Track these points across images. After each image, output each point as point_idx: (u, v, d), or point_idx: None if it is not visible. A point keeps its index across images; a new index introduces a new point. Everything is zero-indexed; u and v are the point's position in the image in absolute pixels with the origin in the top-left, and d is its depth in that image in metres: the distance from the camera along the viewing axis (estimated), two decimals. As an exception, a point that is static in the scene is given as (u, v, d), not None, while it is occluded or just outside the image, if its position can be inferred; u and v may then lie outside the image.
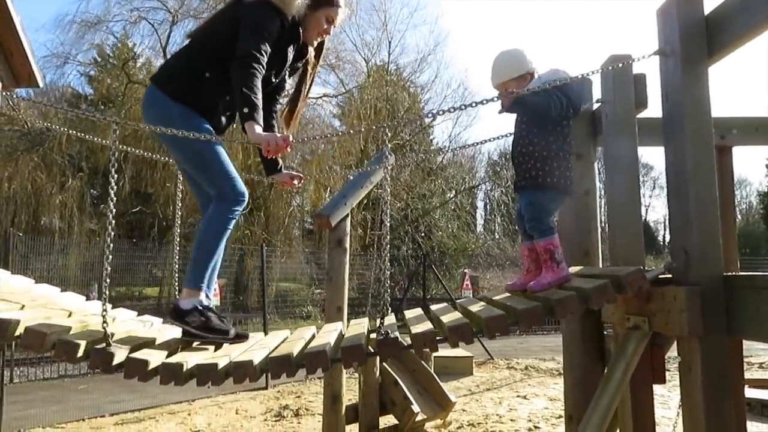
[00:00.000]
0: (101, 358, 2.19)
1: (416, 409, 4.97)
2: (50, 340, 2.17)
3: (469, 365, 9.63)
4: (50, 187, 15.88)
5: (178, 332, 2.66)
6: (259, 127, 2.50)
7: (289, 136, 2.53)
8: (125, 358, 2.24)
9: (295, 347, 2.43)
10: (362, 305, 14.03)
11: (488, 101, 2.62)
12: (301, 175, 3.18)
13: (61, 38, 17.48)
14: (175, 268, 3.20)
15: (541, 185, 2.67)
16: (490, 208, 32.39)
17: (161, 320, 3.09)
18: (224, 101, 2.74)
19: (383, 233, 2.46)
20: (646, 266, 2.83)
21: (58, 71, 17.81)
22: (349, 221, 4.90)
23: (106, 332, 2.25)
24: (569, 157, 2.74)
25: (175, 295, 3.13)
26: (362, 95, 19.98)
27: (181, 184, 3.27)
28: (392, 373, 5.16)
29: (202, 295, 2.62)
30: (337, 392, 4.75)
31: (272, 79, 2.83)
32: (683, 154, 2.35)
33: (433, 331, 2.36)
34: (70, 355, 2.16)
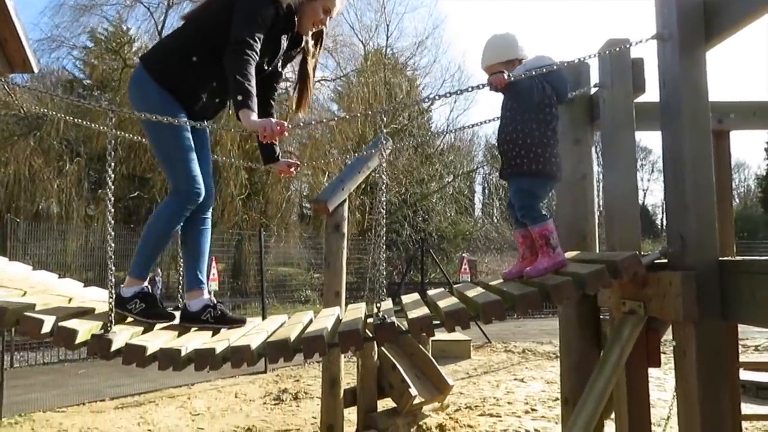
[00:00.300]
0: (100, 344, 2.21)
1: (414, 392, 5.02)
2: (48, 326, 2.17)
3: (466, 349, 9.70)
4: (48, 172, 15.83)
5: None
6: (253, 113, 2.49)
7: (283, 122, 2.52)
8: (123, 344, 2.25)
9: (292, 332, 2.44)
10: (360, 290, 14.06)
11: (483, 86, 2.64)
12: (298, 162, 3.17)
13: (55, 21, 17.28)
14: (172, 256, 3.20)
15: (526, 172, 2.68)
16: (488, 192, 32.41)
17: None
18: (210, 87, 2.72)
19: (379, 218, 2.46)
20: (643, 250, 2.84)
21: (53, 55, 17.72)
22: (346, 206, 4.91)
23: (110, 318, 2.26)
24: (555, 143, 2.74)
25: (169, 278, 3.15)
26: (360, 79, 19.87)
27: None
28: (390, 356, 5.20)
29: (144, 283, 2.67)
30: (335, 376, 4.79)
31: (264, 66, 2.80)
32: (680, 139, 2.34)
33: (429, 315, 2.37)
34: (68, 341, 2.17)
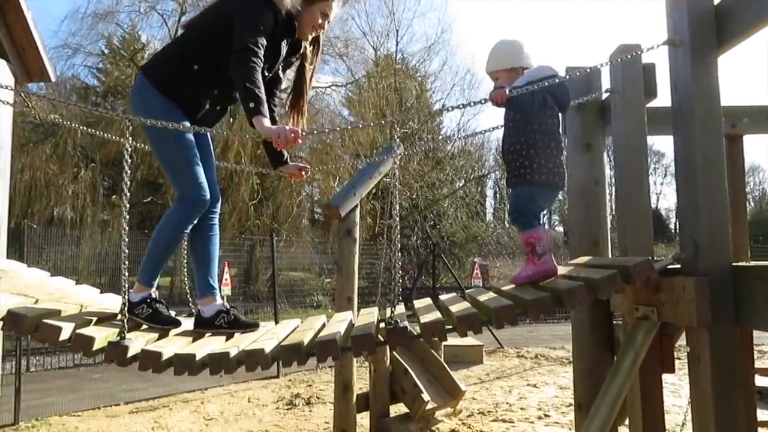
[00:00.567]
0: (116, 351, 2.24)
1: (426, 397, 5.01)
2: (66, 333, 2.21)
3: (479, 354, 9.66)
4: (62, 178, 16.00)
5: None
6: (267, 120, 2.51)
7: (298, 129, 2.54)
8: (140, 350, 2.29)
9: (305, 336, 2.46)
10: (372, 294, 14.07)
11: (486, 101, 2.69)
12: (307, 167, 3.19)
13: (71, 28, 17.52)
14: (183, 261, 3.23)
15: (529, 182, 2.70)
16: (499, 196, 32.33)
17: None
18: (211, 95, 2.75)
19: (393, 223, 2.48)
20: (656, 255, 2.83)
21: (68, 62, 17.89)
22: (358, 211, 4.93)
23: (123, 325, 2.30)
24: (559, 153, 2.77)
25: (183, 285, 3.19)
26: (370, 84, 19.92)
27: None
28: (402, 361, 5.20)
29: (151, 289, 2.71)
30: (348, 381, 4.80)
31: (265, 73, 2.82)
32: (692, 144, 2.34)
33: (441, 320, 2.39)
34: (86, 348, 2.21)
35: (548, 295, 2.34)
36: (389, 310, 2.40)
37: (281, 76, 3.01)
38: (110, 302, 2.95)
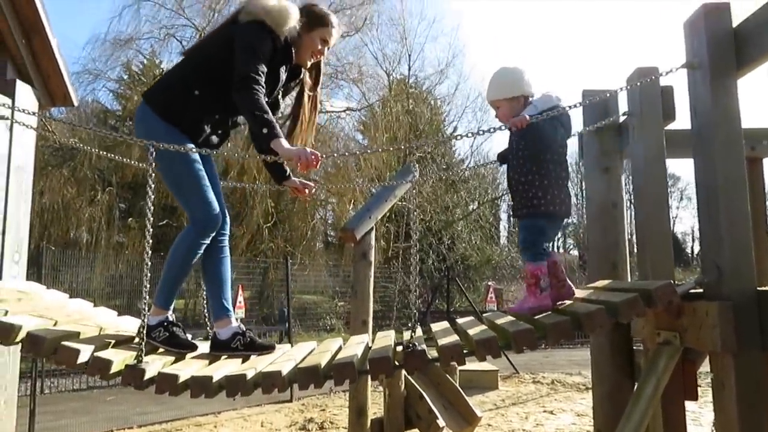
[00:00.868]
0: (133, 374, 2.24)
1: (442, 423, 4.94)
2: (84, 357, 2.21)
3: (494, 379, 9.54)
4: (80, 201, 16.20)
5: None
6: (284, 141, 2.54)
7: (317, 152, 2.54)
8: (156, 373, 2.28)
9: (322, 358, 2.45)
10: (386, 318, 13.99)
11: (505, 128, 2.70)
12: (311, 184, 3.18)
13: (92, 55, 17.86)
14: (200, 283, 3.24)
15: (543, 213, 2.69)
16: (513, 219, 32.16)
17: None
18: (212, 120, 2.77)
19: (412, 246, 2.47)
20: (675, 279, 2.79)
21: (88, 87, 18.22)
22: (373, 234, 4.93)
23: (141, 348, 2.30)
24: (567, 182, 2.78)
25: (202, 308, 3.18)
26: (384, 109, 20.08)
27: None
28: (417, 386, 5.14)
29: (168, 312, 2.71)
30: (362, 405, 4.75)
31: (264, 99, 2.87)
32: (713, 167, 2.32)
33: (459, 344, 2.36)
34: (103, 372, 2.21)
35: (568, 318, 2.31)
36: (408, 333, 2.38)
37: (280, 101, 3.02)
38: (127, 325, 2.95)
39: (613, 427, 2.61)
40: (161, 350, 2.61)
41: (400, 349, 2.44)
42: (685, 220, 44.84)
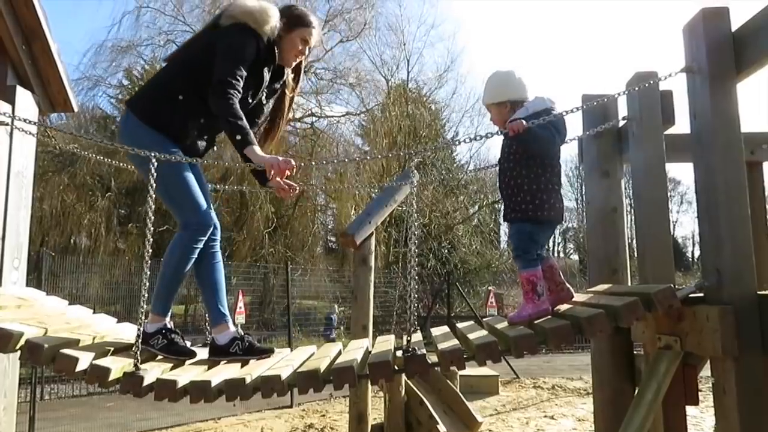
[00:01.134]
0: (132, 381, 2.24)
1: (442, 428, 4.92)
2: (83, 365, 2.21)
3: (494, 384, 9.52)
4: (79, 207, 16.20)
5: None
6: (257, 148, 2.55)
7: (290, 160, 2.58)
8: (155, 379, 2.27)
9: (322, 363, 2.44)
10: (386, 323, 13.96)
11: (502, 133, 2.71)
12: (294, 185, 3.18)
13: (92, 61, 17.88)
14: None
15: (531, 218, 2.69)
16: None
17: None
18: (198, 124, 2.77)
19: (409, 250, 2.47)
20: (675, 283, 2.79)
21: (88, 93, 18.23)
22: (373, 239, 4.92)
23: (137, 356, 2.29)
24: (559, 188, 2.77)
25: (202, 313, 3.18)
26: (383, 114, 20.09)
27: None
28: (418, 392, 5.13)
29: (166, 319, 2.70)
30: (362, 411, 4.73)
31: (249, 100, 2.86)
32: (713, 172, 2.32)
33: (460, 348, 2.36)
34: (102, 379, 2.21)
35: (568, 323, 2.31)
36: (405, 337, 2.38)
37: (264, 103, 3.03)
38: (127, 332, 2.94)
39: (614, 432, 2.60)
40: (160, 357, 2.61)
41: (399, 353, 2.43)
42: (685, 224, 44.80)
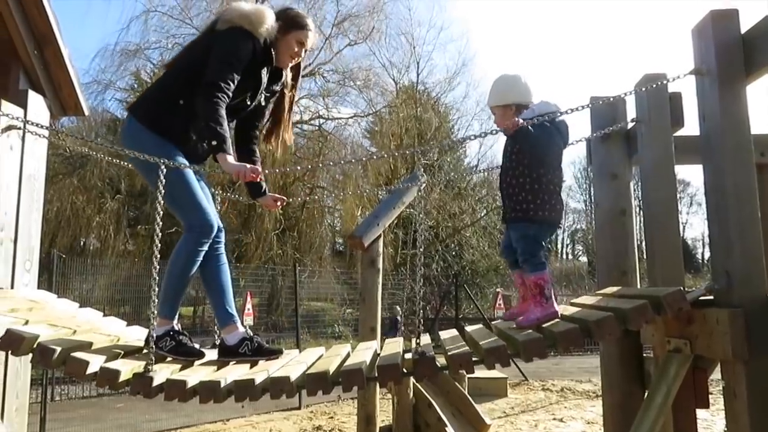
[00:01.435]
0: (142, 382, 2.26)
1: (450, 431, 4.91)
2: (93, 368, 2.22)
3: (503, 387, 9.48)
4: (89, 209, 16.30)
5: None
6: (229, 156, 2.58)
7: (258, 167, 2.62)
8: (165, 380, 2.29)
9: (331, 364, 2.45)
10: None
11: (497, 131, 2.77)
12: (283, 198, 3.21)
13: (101, 65, 18.02)
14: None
15: (531, 218, 2.69)
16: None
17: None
18: (198, 127, 2.77)
19: (417, 253, 2.48)
20: (685, 286, 2.78)
21: (98, 97, 18.36)
22: (381, 241, 4.93)
23: (150, 356, 2.31)
24: (560, 189, 2.77)
25: (211, 314, 3.20)
26: (392, 116, 20.10)
27: (218, 204, 3.37)
28: (426, 394, 5.13)
29: (174, 322, 2.71)
30: (370, 413, 4.74)
31: (247, 102, 2.87)
32: (722, 174, 2.32)
33: (469, 352, 2.36)
34: (112, 382, 2.23)
35: (577, 326, 2.31)
36: (414, 340, 2.38)
37: (263, 105, 3.04)
38: (136, 335, 2.97)
39: (623, 435, 2.59)
40: (170, 359, 2.62)
41: (408, 356, 2.44)
42: (695, 226, 44.43)
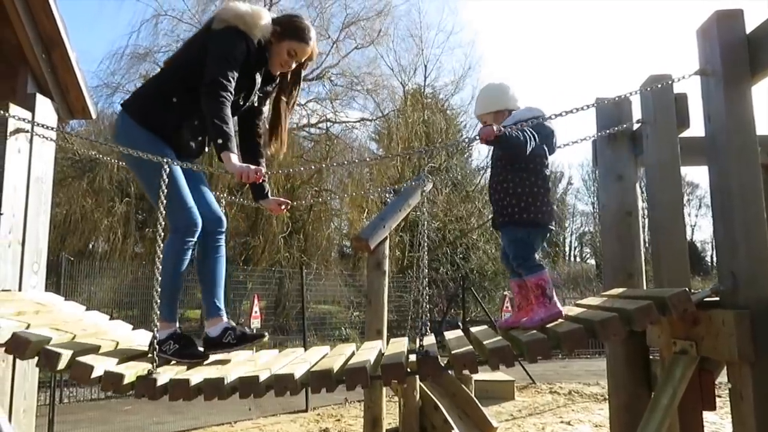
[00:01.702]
0: (146, 385, 2.27)
1: (457, 433, 4.91)
2: (97, 372, 2.24)
3: (510, 389, 9.45)
4: (98, 212, 16.39)
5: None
6: (234, 156, 2.58)
7: (261, 168, 2.62)
8: (168, 380, 2.30)
9: (335, 363, 2.46)
10: (401, 327, 13.95)
11: (474, 139, 2.74)
12: (288, 201, 3.19)
13: (111, 68, 18.13)
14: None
15: (518, 222, 2.71)
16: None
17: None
18: (191, 126, 2.80)
19: (421, 254, 2.49)
20: (692, 288, 2.76)
21: (107, 100, 18.46)
22: (387, 244, 4.93)
23: (154, 357, 2.32)
24: (546, 191, 2.78)
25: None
26: (399, 119, 20.11)
27: (225, 208, 3.38)
28: (432, 396, 5.12)
29: (175, 324, 2.72)
30: (377, 416, 4.74)
31: (240, 103, 2.87)
32: (728, 175, 2.31)
33: (473, 352, 2.36)
34: (116, 385, 2.24)
35: (582, 327, 2.30)
36: (418, 339, 2.39)
37: (259, 106, 3.05)
38: (141, 339, 2.97)
39: (629, 437, 2.58)
40: (173, 363, 2.63)
41: (413, 357, 2.44)
42: (704, 228, 44.12)
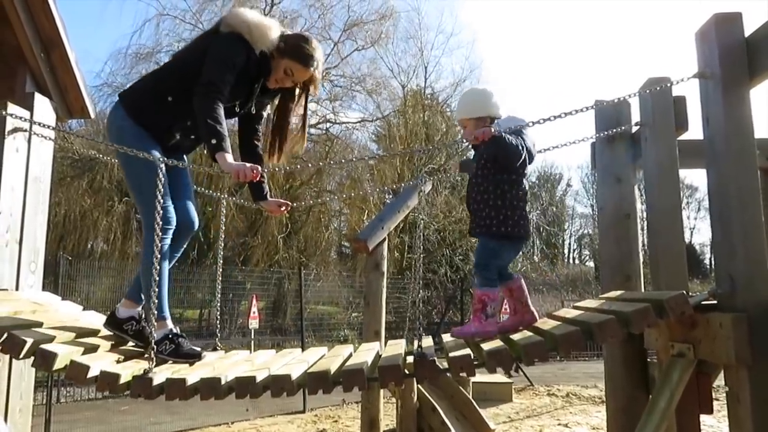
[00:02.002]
0: (142, 384, 2.26)
1: (454, 435, 4.90)
2: (93, 372, 2.23)
3: (508, 391, 9.45)
4: (97, 212, 16.38)
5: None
6: (228, 155, 2.55)
7: (258, 166, 2.59)
8: (164, 379, 2.29)
9: (332, 364, 2.46)
10: (399, 329, 13.94)
11: (468, 142, 2.69)
12: (288, 203, 3.18)
13: (112, 68, 18.16)
14: (218, 289, 3.28)
15: (494, 234, 2.69)
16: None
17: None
18: (183, 125, 2.79)
19: (418, 254, 2.48)
20: (691, 291, 2.76)
21: (108, 100, 18.43)
22: (386, 245, 4.93)
23: (151, 356, 2.32)
24: (524, 204, 2.77)
25: (216, 318, 3.20)
26: (399, 120, 20.10)
27: (224, 208, 3.40)
28: (430, 398, 5.12)
29: (168, 323, 2.71)
30: (374, 417, 4.74)
31: (236, 110, 2.87)
32: (726, 177, 2.31)
33: (470, 355, 2.35)
34: (112, 385, 2.24)
35: (579, 329, 2.29)
36: (416, 341, 2.38)
37: (254, 113, 3.02)
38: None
39: (626, 440, 2.58)
40: (169, 362, 2.63)
41: (410, 359, 2.44)
42: (703, 231, 44.15)
